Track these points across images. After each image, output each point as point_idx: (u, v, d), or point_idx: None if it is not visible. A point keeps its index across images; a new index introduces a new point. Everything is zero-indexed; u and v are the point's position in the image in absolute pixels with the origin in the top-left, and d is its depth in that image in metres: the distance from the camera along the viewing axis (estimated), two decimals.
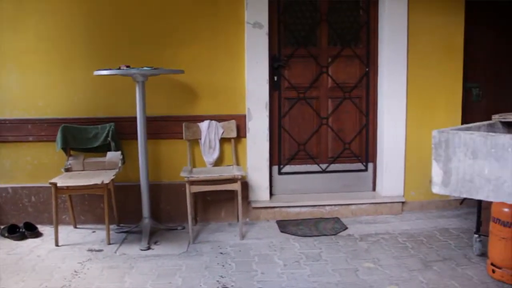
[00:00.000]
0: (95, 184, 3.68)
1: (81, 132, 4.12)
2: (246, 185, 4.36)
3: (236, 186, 3.88)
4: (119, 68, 3.73)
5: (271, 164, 4.52)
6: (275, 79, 4.49)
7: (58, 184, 3.69)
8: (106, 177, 3.79)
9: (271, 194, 4.54)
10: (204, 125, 4.26)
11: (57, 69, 4.18)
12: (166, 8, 4.20)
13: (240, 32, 4.27)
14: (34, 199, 4.24)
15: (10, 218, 4.21)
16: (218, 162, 4.35)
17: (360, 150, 4.71)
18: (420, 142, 4.47)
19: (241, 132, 4.35)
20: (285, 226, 4.21)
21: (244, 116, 4.34)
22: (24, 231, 3.97)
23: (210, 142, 4.27)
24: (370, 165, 4.73)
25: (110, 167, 4.08)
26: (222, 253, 3.65)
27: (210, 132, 4.26)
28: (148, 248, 3.73)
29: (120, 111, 4.21)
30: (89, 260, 3.51)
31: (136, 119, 3.88)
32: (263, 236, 4.00)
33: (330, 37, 4.57)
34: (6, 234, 3.94)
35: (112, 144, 4.09)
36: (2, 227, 4.05)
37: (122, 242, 3.88)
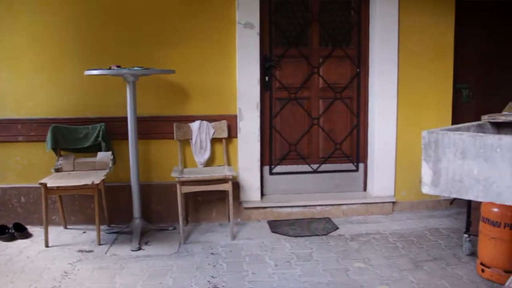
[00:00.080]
0: (85, 185, 3.66)
1: (71, 132, 4.10)
2: (237, 185, 4.35)
3: (227, 187, 3.88)
4: (110, 68, 3.72)
5: (262, 164, 4.52)
6: (266, 79, 4.49)
7: (48, 185, 3.66)
8: (96, 177, 3.77)
9: (262, 195, 4.54)
10: (195, 125, 4.26)
11: (47, 69, 4.15)
12: (157, 8, 4.19)
13: (231, 32, 4.27)
14: (23, 200, 4.21)
15: None
16: (209, 163, 4.34)
17: (351, 150, 4.73)
18: (410, 142, 4.49)
19: (232, 132, 4.35)
20: (276, 226, 4.21)
21: (235, 116, 4.34)
22: (14, 232, 3.94)
23: (201, 142, 4.26)
24: (361, 165, 4.74)
25: (101, 167, 4.06)
26: (213, 253, 3.65)
27: (201, 132, 4.25)
28: (139, 249, 3.72)
29: (110, 111, 4.19)
30: (79, 261, 3.49)
31: (127, 119, 3.87)
32: (254, 237, 4.00)
33: (322, 37, 4.58)
34: None
35: (103, 144, 4.07)
36: None
37: (113, 243, 3.86)
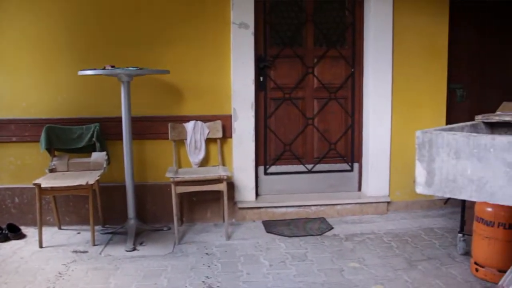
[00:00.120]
0: (79, 185, 3.65)
1: (65, 133, 4.09)
2: (232, 185, 4.35)
3: (222, 187, 3.88)
4: (104, 68, 3.70)
5: (257, 164, 4.52)
6: (261, 79, 4.49)
7: (42, 185, 3.65)
8: (91, 177, 3.76)
9: (257, 195, 4.54)
10: (189, 125, 4.25)
11: (41, 69, 4.14)
12: (151, 8, 4.18)
13: (226, 32, 4.26)
14: (17, 200, 4.19)
15: None
16: (203, 163, 4.34)
17: (346, 150, 4.73)
18: (405, 142, 4.50)
19: (227, 132, 4.34)
20: (271, 227, 4.21)
21: (230, 116, 4.33)
22: (7, 232, 3.92)
23: (195, 142, 4.26)
24: (356, 165, 4.75)
25: (95, 167, 4.05)
26: (207, 253, 3.64)
27: (195, 133, 4.25)
28: (134, 249, 3.71)
29: (105, 111, 4.18)
30: (73, 261, 3.48)
31: (121, 120, 3.86)
32: (249, 237, 4.00)
33: (316, 37, 4.58)
34: None
35: (97, 144, 4.06)
36: None
37: (107, 243, 3.85)
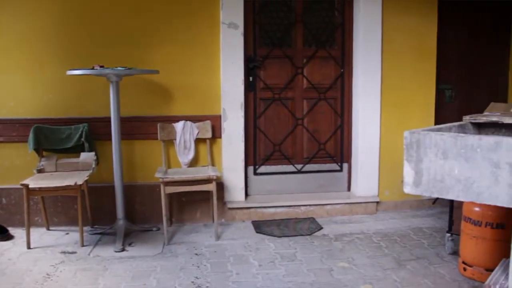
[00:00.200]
0: (68, 185, 3.62)
1: (54, 133, 4.06)
2: (221, 185, 4.35)
3: (211, 187, 3.87)
4: (93, 68, 3.69)
5: (246, 164, 4.52)
6: (251, 79, 4.49)
7: (30, 186, 3.62)
8: (79, 178, 3.74)
9: (246, 195, 4.54)
10: (179, 125, 4.24)
11: (29, 68, 4.10)
12: (141, 8, 4.16)
13: (215, 32, 4.26)
14: (5, 201, 4.16)
15: None
16: (193, 163, 4.33)
17: (335, 150, 4.75)
18: (394, 142, 4.52)
19: (216, 132, 4.34)
20: (260, 227, 4.21)
21: (219, 116, 4.33)
22: None
23: (185, 142, 4.25)
24: (345, 165, 4.76)
25: (84, 168, 4.03)
26: (197, 254, 3.64)
27: (185, 133, 4.24)
28: (123, 250, 3.69)
29: (94, 111, 4.15)
30: (62, 262, 3.46)
31: (110, 120, 3.84)
32: (238, 237, 4.00)
33: (305, 38, 4.59)
34: None
35: (86, 144, 4.04)
36: None
37: (96, 244, 3.83)
